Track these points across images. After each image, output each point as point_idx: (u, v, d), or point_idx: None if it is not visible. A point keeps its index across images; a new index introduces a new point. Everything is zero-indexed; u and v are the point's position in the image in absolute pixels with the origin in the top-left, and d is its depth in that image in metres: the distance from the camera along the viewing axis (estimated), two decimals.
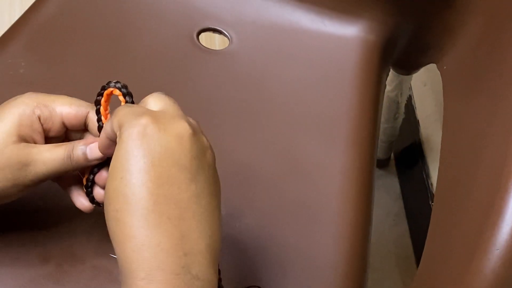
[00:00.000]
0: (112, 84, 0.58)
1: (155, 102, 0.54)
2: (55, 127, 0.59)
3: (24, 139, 0.58)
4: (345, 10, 0.89)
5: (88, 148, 0.57)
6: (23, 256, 0.66)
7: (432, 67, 0.95)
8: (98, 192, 0.60)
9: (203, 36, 0.89)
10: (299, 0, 0.90)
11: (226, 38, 0.89)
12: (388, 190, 1.31)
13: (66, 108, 0.59)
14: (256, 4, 0.90)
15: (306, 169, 0.77)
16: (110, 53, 0.85)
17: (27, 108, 0.58)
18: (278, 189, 0.75)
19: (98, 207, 0.60)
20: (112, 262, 0.67)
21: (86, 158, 0.57)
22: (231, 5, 0.90)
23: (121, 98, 0.58)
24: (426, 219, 1.15)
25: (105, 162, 0.59)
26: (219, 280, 0.55)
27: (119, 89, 0.58)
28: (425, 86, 1.26)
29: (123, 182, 0.49)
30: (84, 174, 0.60)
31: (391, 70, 1.00)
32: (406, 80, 1.06)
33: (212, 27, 0.89)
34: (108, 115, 0.59)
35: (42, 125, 0.59)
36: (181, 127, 0.51)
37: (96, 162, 0.58)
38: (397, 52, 0.92)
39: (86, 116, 0.60)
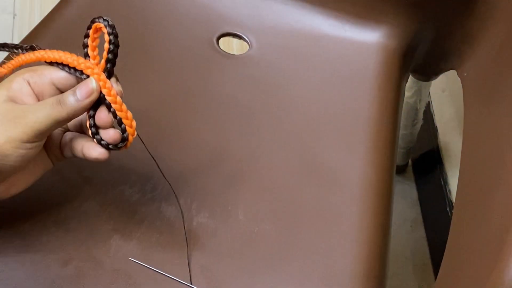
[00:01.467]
0: (101, 20, 0.59)
1: None
2: (46, 90, 0.60)
3: (14, 100, 0.59)
4: (366, 16, 0.88)
5: (78, 89, 0.58)
6: (43, 259, 0.66)
7: (451, 73, 0.94)
8: (106, 134, 0.60)
9: (222, 40, 0.89)
10: (320, 6, 0.90)
11: (244, 43, 0.89)
12: (405, 196, 1.30)
13: (55, 71, 0.60)
14: (276, 9, 0.90)
15: (325, 175, 0.77)
16: (130, 57, 0.85)
17: (16, 75, 0.60)
18: (297, 194, 0.75)
19: (115, 149, 0.60)
20: (131, 266, 0.67)
21: (76, 99, 0.58)
22: (251, 10, 0.90)
23: (106, 37, 0.58)
24: (444, 226, 1.15)
25: (97, 103, 0.59)
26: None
27: (106, 26, 0.58)
28: (443, 92, 1.26)
29: None
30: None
31: (410, 76, 0.99)
32: (425, 87, 1.06)
33: (232, 32, 0.89)
34: (97, 57, 0.59)
35: (32, 89, 0.59)
36: None
37: (87, 102, 0.58)
38: (417, 58, 0.92)
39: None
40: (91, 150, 0.60)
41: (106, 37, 0.59)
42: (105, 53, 0.59)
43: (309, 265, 0.70)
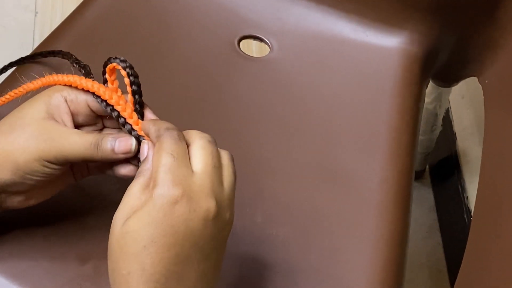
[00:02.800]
0: (113, 60, 0.59)
1: (202, 152, 0.55)
2: (81, 111, 0.60)
3: (53, 117, 0.59)
4: (388, 21, 0.88)
5: (117, 141, 0.58)
6: (62, 256, 0.66)
7: (470, 80, 0.94)
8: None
9: (244, 43, 0.89)
10: (341, 10, 0.90)
11: (264, 45, 0.89)
12: (422, 202, 1.30)
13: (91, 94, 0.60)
14: (298, 12, 0.90)
15: (344, 179, 0.77)
16: (151, 58, 0.85)
17: (54, 91, 0.60)
18: (315, 198, 0.75)
19: None
20: None
21: (113, 151, 0.58)
22: (273, 13, 0.90)
23: (123, 72, 0.58)
24: (460, 233, 1.14)
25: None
26: None
27: (120, 63, 0.58)
28: (463, 99, 1.25)
29: (145, 252, 0.52)
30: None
31: (430, 82, 0.99)
32: (446, 93, 1.05)
33: (254, 34, 0.89)
34: (119, 91, 0.59)
35: (69, 107, 0.60)
36: (209, 208, 0.53)
37: (122, 157, 0.58)
38: (438, 64, 0.92)
39: None
40: (121, 168, 0.60)
41: (127, 80, 0.59)
42: (130, 97, 0.59)
43: (325, 270, 0.70)
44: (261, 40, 0.89)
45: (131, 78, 0.59)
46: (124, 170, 0.60)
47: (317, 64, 0.87)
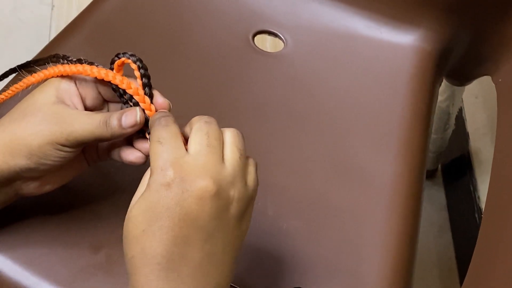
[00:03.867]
0: (121, 55, 0.60)
1: (197, 133, 0.55)
2: (90, 94, 0.61)
3: (63, 101, 0.60)
4: (403, 18, 0.88)
5: (123, 116, 0.59)
6: (75, 245, 0.67)
7: (484, 79, 0.94)
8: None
9: (259, 38, 0.90)
10: (356, 6, 0.90)
11: (278, 41, 0.90)
12: (433, 201, 1.30)
13: None
14: (313, 9, 0.91)
15: (355, 175, 0.77)
16: (166, 52, 0.86)
17: (64, 78, 0.61)
18: (326, 194, 0.76)
19: None
20: None
21: (120, 125, 0.59)
22: (288, 9, 0.91)
23: (133, 65, 0.60)
24: (471, 232, 1.14)
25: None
26: None
27: (130, 57, 0.60)
28: (476, 98, 1.25)
29: (144, 236, 0.53)
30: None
31: (443, 80, 0.99)
32: (459, 92, 1.05)
33: (268, 29, 0.90)
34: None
35: (78, 89, 0.61)
36: (204, 187, 0.53)
37: (130, 130, 0.59)
38: (452, 63, 0.92)
39: None
40: (129, 154, 0.61)
41: (137, 73, 0.60)
42: (141, 88, 0.60)
43: (335, 263, 0.70)
44: (275, 35, 0.90)
45: (142, 71, 0.60)
46: (132, 156, 0.61)
47: (330, 60, 0.87)
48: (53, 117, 0.59)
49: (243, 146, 0.57)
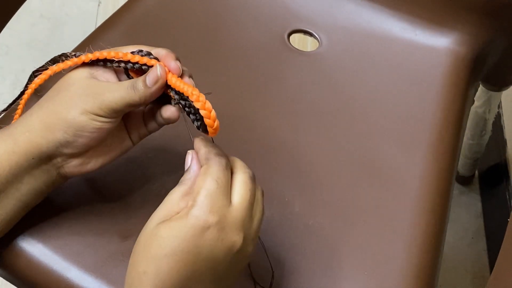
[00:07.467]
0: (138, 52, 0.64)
1: (242, 186, 0.59)
2: (122, 70, 0.64)
3: (95, 77, 0.63)
4: (439, 21, 0.88)
5: (147, 76, 0.62)
6: (104, 232, 0.69)
7: None
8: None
9: (294, 37, 0.91)
10: (392, 8, 0.90)
11: (314, 40, 0.90)
12: (469, 208, 1.29)
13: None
14: (349, 9, 0.91)
15: (384, 174, 0.77)
16: (202, 49, 0.87)
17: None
18: (354, 191, 0.76)
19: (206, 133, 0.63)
20: None
21: (145, 85, 0.61)
22: (323, 8, 0.91)
23: (146, 59, 0.63)
24: None
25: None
26: None
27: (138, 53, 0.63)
28: None
29: (165, 260, 0.55)
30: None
31: (480, 85, 0.98)
32: (496, 97, 1.05)
33: (303, 29, 0.91)
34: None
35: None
36: (235, 242, 0.57)
37: (155, 88, 0.61)
38: (488, 67, 0.91)
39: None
40: (166, 111, 0.64)
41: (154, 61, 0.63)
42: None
43: (359, 262, 0.70)
44: (310, 34, 0.90)
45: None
46: (167, 112, 0.63)
47: (364, 61, 0.88)
48: (86, 89, 0.61)
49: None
